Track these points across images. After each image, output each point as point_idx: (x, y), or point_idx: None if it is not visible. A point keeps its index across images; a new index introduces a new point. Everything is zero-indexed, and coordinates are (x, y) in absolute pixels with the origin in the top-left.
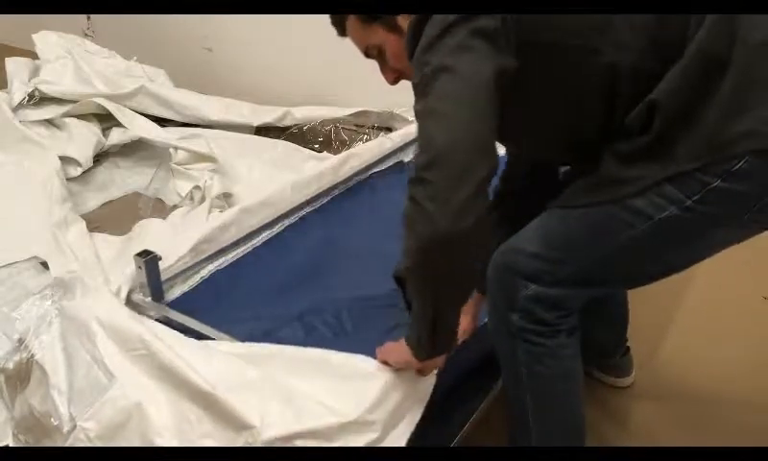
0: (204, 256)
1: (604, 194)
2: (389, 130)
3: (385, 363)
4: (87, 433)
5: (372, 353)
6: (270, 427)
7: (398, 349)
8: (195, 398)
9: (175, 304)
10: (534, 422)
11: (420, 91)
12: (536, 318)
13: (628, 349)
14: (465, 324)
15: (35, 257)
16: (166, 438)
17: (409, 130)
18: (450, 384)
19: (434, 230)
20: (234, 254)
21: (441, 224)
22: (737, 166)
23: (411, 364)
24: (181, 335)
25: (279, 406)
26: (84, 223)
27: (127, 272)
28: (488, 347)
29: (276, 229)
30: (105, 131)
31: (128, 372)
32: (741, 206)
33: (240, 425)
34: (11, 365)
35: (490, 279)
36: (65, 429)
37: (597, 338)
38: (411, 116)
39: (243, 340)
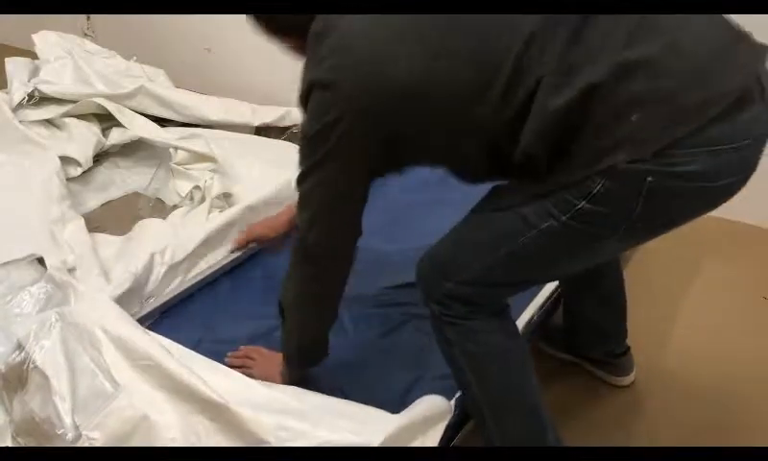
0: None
1: (504, 200)
2: None
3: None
4: (93, 443)
5: (372, 352)
6: (285, 444)
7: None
8: (204, 411)
9: (173, 305)
10: (484, 407)
11: (303, 173)
12: (453, 309)
13: (628, 348)
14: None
15: (31, 255)
16: None
17: None
18: None
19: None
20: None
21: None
22: (596, 190)
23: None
24: (189, 350)
25: (294, 422)
26: (81, 220)
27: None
28: None
29: None
30: (105, 131)
31: (134, 382)
32: (612, 223)
33: (254, 441)
34: (9, 368)
35: (417, 269)
36: (69, 437)
37: (598, 322)
38: None
39: (244, 340)
